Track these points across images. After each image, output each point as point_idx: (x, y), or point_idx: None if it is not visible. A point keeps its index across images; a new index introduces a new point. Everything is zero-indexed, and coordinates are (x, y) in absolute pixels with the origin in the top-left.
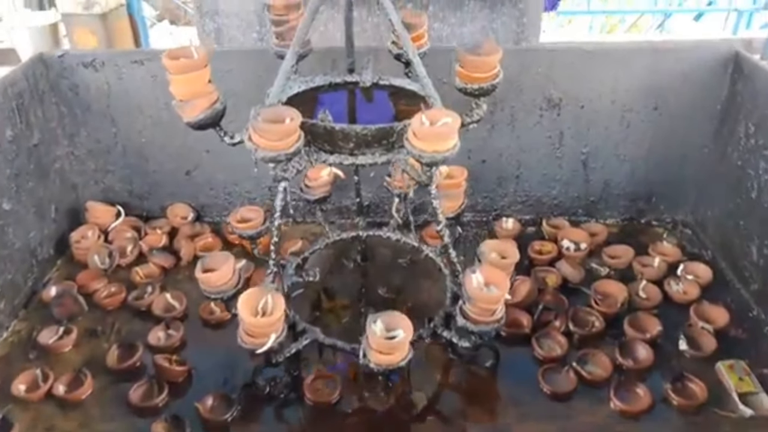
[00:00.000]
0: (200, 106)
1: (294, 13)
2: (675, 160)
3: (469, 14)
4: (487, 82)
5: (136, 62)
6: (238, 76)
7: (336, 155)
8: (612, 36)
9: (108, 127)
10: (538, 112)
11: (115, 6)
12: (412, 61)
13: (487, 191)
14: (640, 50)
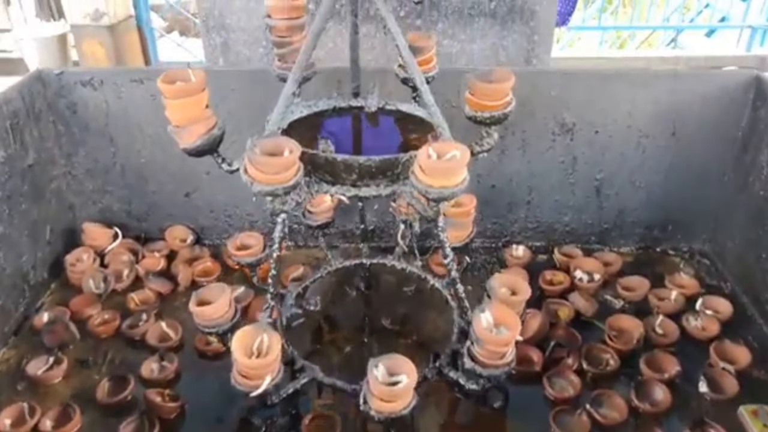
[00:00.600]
0: (197, 132)
1: (297, 34)
2: (693, 188)
3: (479, 31)
4: (498, 111)
5: (136, 81)
6: (241, 96)
7: (338, 186)
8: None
9: (106, 146)
10: (551, 136)
11: (123, 18)
12: (420, 89)
13: (496, 217)
14: (658, 74)
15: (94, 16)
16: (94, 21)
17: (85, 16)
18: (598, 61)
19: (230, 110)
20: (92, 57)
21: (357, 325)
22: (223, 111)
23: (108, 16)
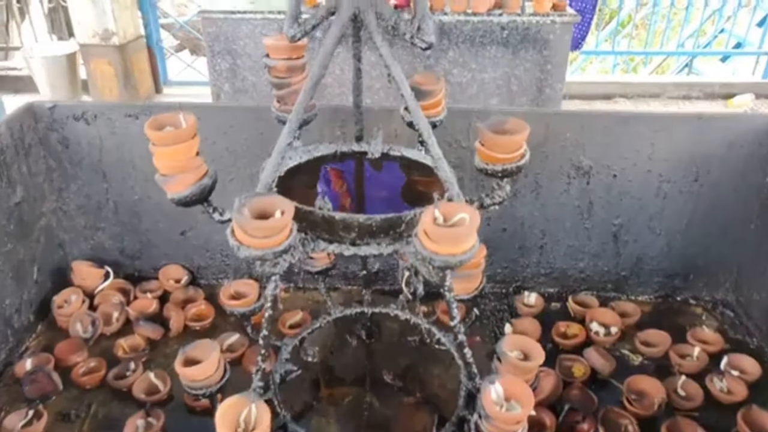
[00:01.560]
0: (186, 182)
1: (297, 75)
2: (716, 235)
3: (490, 60)
4: (511, 164)
5: (131, 116)
6: (240, 133)
7: (336, 245)
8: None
9: (99, 182)
10: (566, 179)
11: (133, 37)
12: (427, 141)
13: (507, 261)
14: (681, 118)
15: (103, 35)
16: (103, 41)
17: (94, 36)
18: (610, 86)
19: (229, 147)
20: (101, 76)
21: (357, 379)
22: (222, 147)
23: (117, 36)
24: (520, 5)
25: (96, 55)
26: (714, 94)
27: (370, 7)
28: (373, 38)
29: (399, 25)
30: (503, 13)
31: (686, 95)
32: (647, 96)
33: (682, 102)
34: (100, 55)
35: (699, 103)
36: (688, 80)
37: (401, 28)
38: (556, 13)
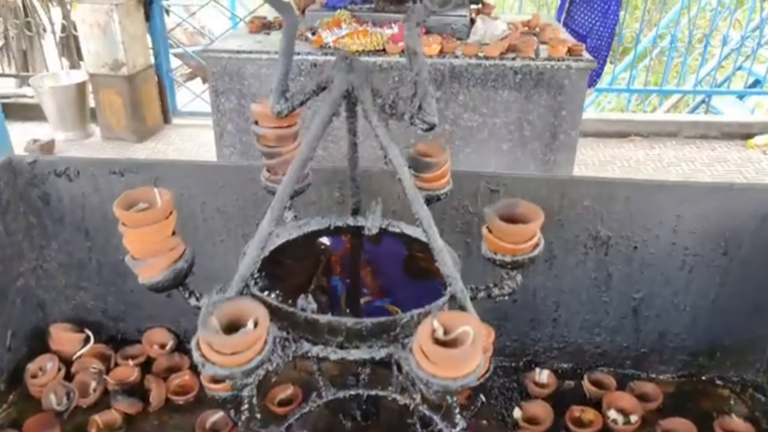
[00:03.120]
0: (158, 267)
1: (288, 144)
2: (746, 312)
3: (502, 104)
4: (522, 255)
5: (115, 173)
6: (232, 192)
7: (321, 347)
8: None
9: (81, 240)
10: (582, 249)
11: (143, 67)
12: (427, 232)
13: (518, 334)
14: (710, 188)
15: (113, 66)
16: (112, 71)
17: (103, 66)
18: (625, 123)
19: (220, 207)
20: (109, 106)
21: None
22: (212, 208)
23: (127, 66)
24: (535, 49)
25: (105, 85)
26: (732, 133)
27: (365, 84)
28: (368, 117)
29: (397, 103)
30: (517, 57)
31: (704, 134)
32: (663, 135)
33: (700, 141)
34: (109, 85)
35: (717, 142)
36: (705, 119)
37: (400, 107)
38: (572, 58)
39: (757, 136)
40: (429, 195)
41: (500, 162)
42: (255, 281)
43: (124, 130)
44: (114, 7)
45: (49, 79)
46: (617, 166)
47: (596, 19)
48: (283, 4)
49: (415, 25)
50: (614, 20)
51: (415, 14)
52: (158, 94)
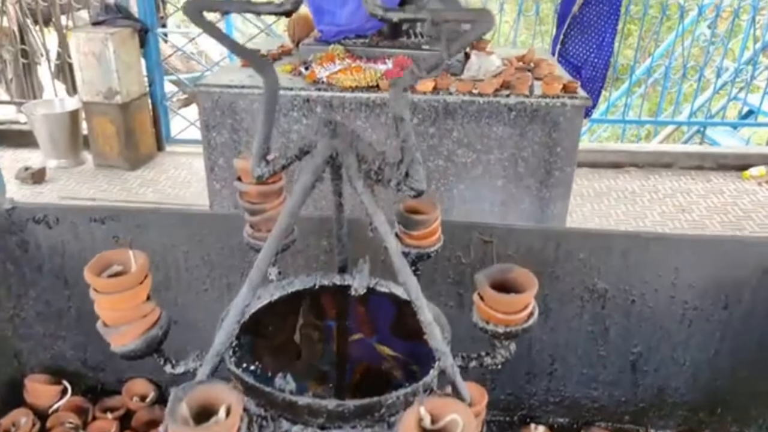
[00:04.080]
0: (130, 335)
1: (272, 201)
2: (747, 366)
3: (496, 141)
4: (516, 326)
5: (96, 221)
6: (216, 241)
7: (300, 426)
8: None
9: (60, 288)
10: (578, 302)
11: (137, 96)
12: (415, 304)
13: (513, 387)
14: (709, 241)
15: (106, 94)
16: (106, 99)
17: (97, 94)
18: (620, 154)
19: (204, 256)
20: (101, 134)
21: None
22: (196, 256)
23: (121, 94)
24: (529, 86)
25: (98, 113)
26: (728, 165)
27: (350, 149)
28: (353, 184)
29: (384, 169)
30: (511, 94)
31: (699, 165)
32: (659, 165)
33: (695, 172)
34: (103, 113)
35: (712, 173)
36: (700, 150)
37: (386, 173)
38: (567, 95)
39: (752, 167)
40: (419, 253)
41: (495, 198)
42: (233, 350)
43: (117, 158)
44: (109, 35)
45: (42, 106)
46: (613, 197)
47: (591, 50)
48: (264, 65)
49: (402, 90)
50: (609, 51)
51: (402, 80)
52: (152, 121)
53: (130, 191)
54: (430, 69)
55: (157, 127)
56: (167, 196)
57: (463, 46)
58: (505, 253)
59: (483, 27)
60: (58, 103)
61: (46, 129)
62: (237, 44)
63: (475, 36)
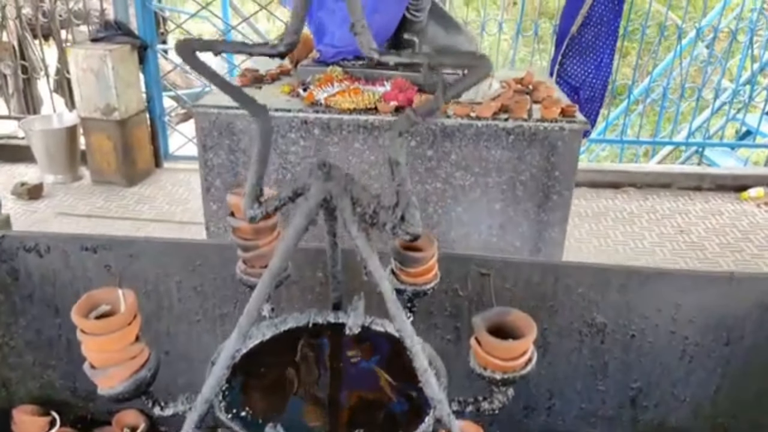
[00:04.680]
0: (118, 377)
1: (265, 237)
2: (750, 402)
3: (495, 164)
4: (513, 372)
5: (87, 249)
6: (209, 271)
7: None
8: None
9: (51, 317)
10: (577, 336)
11: (135, 112)
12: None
13: (510, 422)
14: (710, 278)
15: (105, 110)
16: (104, 115)
17: (95, 110)
18: (619, 174)
19: (197, 286)
20: (99, 150)
21: None
22: (188, 287)
23: (119, 111)
24: (527, 109)
25: (96, 129)
26: (726, 186)
27: (344, 192)
28: (347, 228)
29: (379, 213)
30: (509, 117)
31: (697, 186)
32: (657, 185)
33: (693, 193)
34: (101, 129)
35: (710, 194)
36: (698, 171)
37: (381, 217)
38: (565, 119)
39: (751, 189)
40: (415, 290)
41: (493, 221)
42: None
43: (115, 174)
44: (108, 52)
45: (40, 121)
46: (611, 218)
47: (589, 71)
48: (257, 107)
49: (398, 135)
50: (607, 72)
51: (399, 125)
52: (150, 137)
53: (126, 208)
54: (427, 114)
55: (155, 143)
56: (164, 213)
57: (460, 92)
58: (503, 286)
59: (481, 73)
60: (56, 118)
61: (43, 144)
62: (230, 85)
63: (472, 82)
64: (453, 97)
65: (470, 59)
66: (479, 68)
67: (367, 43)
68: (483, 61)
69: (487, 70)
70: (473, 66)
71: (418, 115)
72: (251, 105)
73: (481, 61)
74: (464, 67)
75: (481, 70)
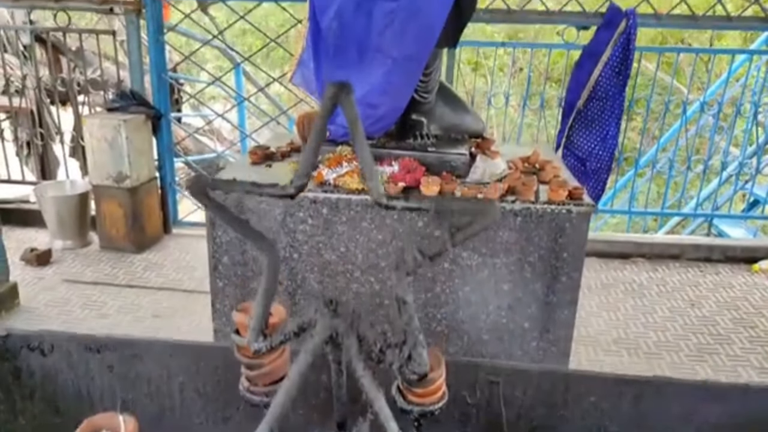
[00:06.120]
0: None
1: (270, 355)
2: None
3: (502, 245)
4: None
5: (91, 350)
6: (212, 373)
7: None
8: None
9: (51, 416)
10: None
11: (146, 179)
12: None
13: None
14: (724, 388)
15: (117, 178)
16: (116, 183)
17: (107, 178)
18: (627, 245)
19: (199, 388)
20: (109, 216)
21: None
22: (190, 389)
23: (131, 178)
24: (535, 191)
25: (107, 196)
26: (736, 257)
27: (351, 330)
28: (353, 366)
29: (386, 352)
30: (517, 200)
31: (707, 257)
32: (666, 256)
33: (703, 264)
34: (112, 196)
35: (721, 266)
36: (708, 242)
37: (388, 356)
38: (573, 202)
39: (762, 261)
40: (422, 410)
41: (501, 302)
42: None
43: (123, 241)
44: (122, 122)
45: (53, 188)
46: (620, 290)
47: (596, 143)
48: (265, 242)
49: (405, 275)
50: (613, 144)
51: (406, 265)
52: (160, 204)
53: (134, 275)
54: (434, 256)
55: (164, 209)
56: (171, 281)
57: (467, 237)
58: (512, 393)
59: (488, 220)
60: (69, 185)
61: (54, 210)
62: (240, 221)
63: (479, 228)
64: (460, 242)
65: (478, 206)
66: (486, 215)
67: (375, 189)
68: (490, 209)
69: (495, 217)
70: (481, 211)
71: (426, 257)
72: (260, 240)
73: (488, 209)
74: (472, 212)
75: (488, 217)
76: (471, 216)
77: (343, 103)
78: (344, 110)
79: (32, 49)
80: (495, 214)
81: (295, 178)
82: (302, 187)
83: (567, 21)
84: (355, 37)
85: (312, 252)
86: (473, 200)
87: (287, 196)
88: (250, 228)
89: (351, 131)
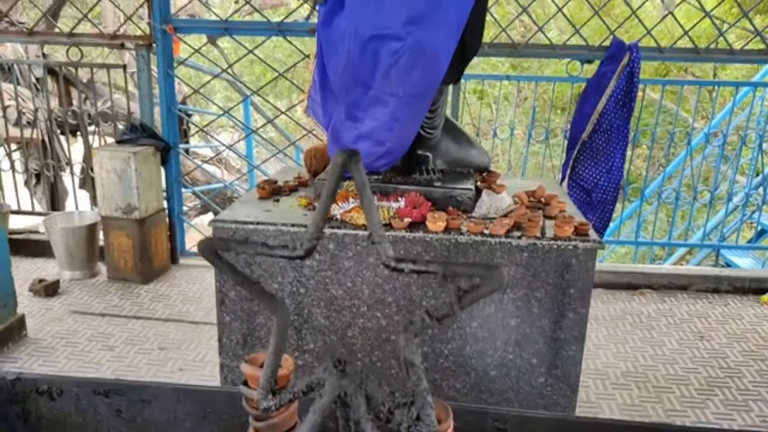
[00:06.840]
0: None
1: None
2: None
3: (509, 281)
4: None
5: (100, 394)
6: (220, 419)
7: None
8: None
9: None
10: None
11: (154, 210)
12: None
13: None
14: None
15: (125, 209)
16: (125, 214)
17: (116, 209)
18: (635, 276)
19: None
20: (118, 248)
21: None
22: None
23: (139, 210)
24: (541, 227)
25: (116, 227)
26: (745, 288)
27: (359, 390)
28: (361, 427)
29: (394, 412)
30: (522, 235)
31: (715, 288)
32: (674, 287)
33: (711, 295)
34: (120, 227)
35: (729, 297)
36: (716, 273)
37: (396, 416)
38: (579, 238)
39: None
40: None
41: (508, 338)
42: None
43: (131, 272)
44: (132, 155)
45: (61, 219)
46: (629, 322)
47: (601, 174)
48: (274, 302)
49: (413, 337)
50: (618, 175)
51: (413, 327)
52: (168, 235)
53: (141, 306)
54: (441, 318)
55: (172, 240)
56: (178, 312)
57: (473, 300)
58: None
59: (494, 284)
60: (78, 216)
61: (63, 242)
62: (250, 281)
63: (487, 292)
64: (467, 306)
65: (484, 270)
66: (492, 280)
67: (384, 251)
68: (496, 273)
69: (501, 282)
70: (486, 277)
71: (433, 320)
72: (270, 301)
73: (494, 273)
74: (478, 277)
75: (494, 281)
76: (479, 278)
77: (352, 170)
78: (354, 176)
79: (44, 82)
80: (501, 281)
81: (305, 240)
82: (312, 250)
83: (571, 55)
84: (362, 75)
85: (318, 287)
86: (480, 266)
87: (297, 258)
88: (261, 289)
89: (360, 196)
